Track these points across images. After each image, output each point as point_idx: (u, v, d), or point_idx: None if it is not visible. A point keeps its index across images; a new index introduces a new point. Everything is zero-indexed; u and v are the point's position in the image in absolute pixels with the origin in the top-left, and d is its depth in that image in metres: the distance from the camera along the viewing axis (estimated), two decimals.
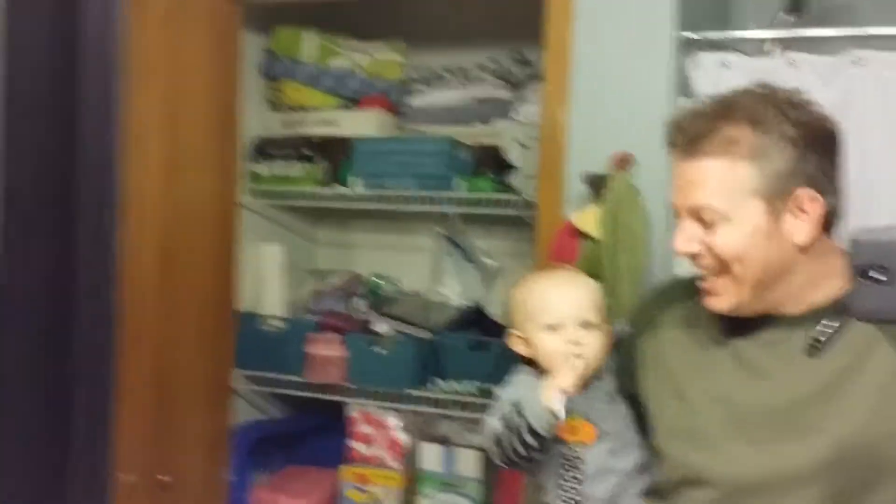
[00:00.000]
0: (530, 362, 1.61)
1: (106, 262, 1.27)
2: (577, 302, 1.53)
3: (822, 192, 1.34)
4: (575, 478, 1.48)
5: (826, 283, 1.38)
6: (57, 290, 1.30)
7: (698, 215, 1.37)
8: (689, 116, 1.41)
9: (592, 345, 1.52)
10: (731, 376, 1.42)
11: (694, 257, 1.41)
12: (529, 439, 1.44)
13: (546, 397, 1.43)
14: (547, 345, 1.52)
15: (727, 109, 1.36)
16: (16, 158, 1.31)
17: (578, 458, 1.48)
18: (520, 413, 1.45)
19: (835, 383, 1.34)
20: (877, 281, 1.00)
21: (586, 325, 1.52)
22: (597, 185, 2.20)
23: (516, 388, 1.56)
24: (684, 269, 1.61)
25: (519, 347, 1.60)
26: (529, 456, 1.47)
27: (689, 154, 1.38)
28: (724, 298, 1.40)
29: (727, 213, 1.34)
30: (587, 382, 1.53)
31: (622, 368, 1.60)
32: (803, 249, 1.35)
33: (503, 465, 1.53)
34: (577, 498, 1.48)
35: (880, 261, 1.00)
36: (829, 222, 1.38)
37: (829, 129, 1.38)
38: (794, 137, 1.32)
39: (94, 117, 1.13)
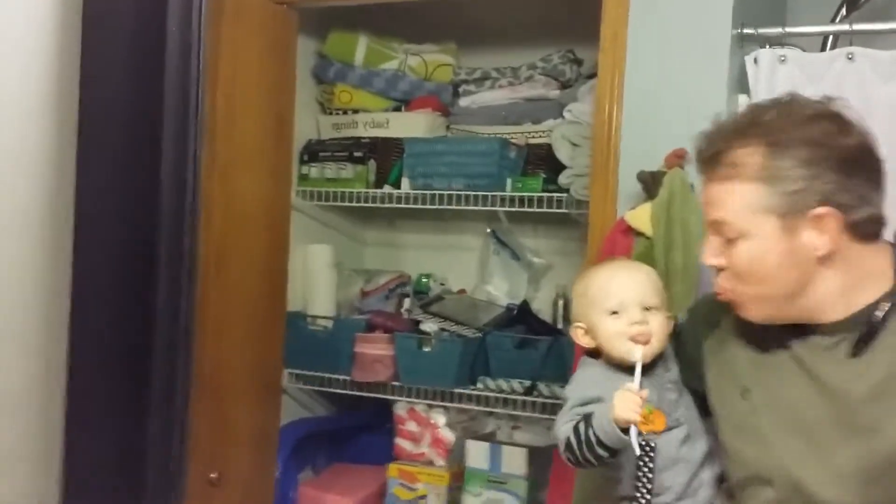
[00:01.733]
0: (593, 354, 1.60)
1: (182, 260, 1.30)
2: (638, 286, 1.55)
3: (842, 206, 1.33)
4: (649, 467, 1.47)
5: (866, 287, 1.37)
6: (137, 286, 1.33)
7: (719, 230, 1.39)
8: (709, 136, 1.43)
9: (656, 325, 1.53)
10: (791, 379, 1.42)
11: (719, 270, 1.43)
12: (601, 452, 1.45)
13: (618, 413, 1.41)
14: (610, 328, 1.53)
15: (745, 129, 1.38)
16: (96, 161, 1.34)
17: (652, 447, 1.47)
18: (589, 424, 1.45)
19: (884, 382, 1.33)
20: None
21: (649, 307, 1.54)
22: (650, 182, 2.18)
23: (584, 387, 1.55)
24: None
25: (583, 339, 1.60)
26: (602, 461, 1.47)
27: (707, 174, 1.42)
28: (751, 310, 1.42)
29: (743, 230, 1.35)
30: (653, 369, 1.54)
31: (683, 361, 1.60)
32: (825, 262, 1.35)
33: (575, 466, 1.52)
34: (652, 486, 1.47)
35: None
36: (865, 231, 1.36)
37: (854, 145, 1.35)
38: (809, 159, 1.32)
39: (174, 118, 1.16)
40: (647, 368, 1.53)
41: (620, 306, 1.53)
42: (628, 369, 1.52)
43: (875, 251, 1.38)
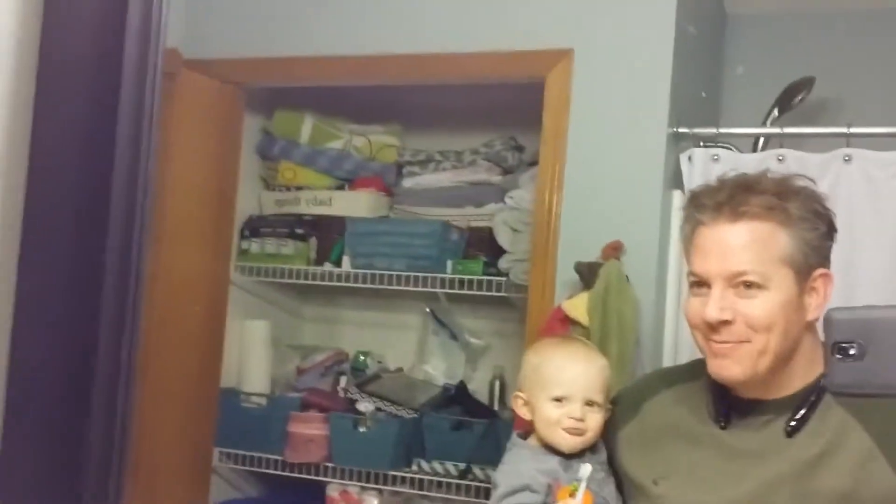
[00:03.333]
0: (526, 432, 1.61)
1: (123, 333, 1.27)
2: (588, 381, 1.56)
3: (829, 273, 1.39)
4: None
5: (811, 366, 1.41)
6: (75, 358, 1.30)
7: (735, 282, 1.36)
8: (716, 187, 1.42)
9: (593, 423, 1.54)
10: (710, 464, 1.43)
11: (719, 326, 1.39)
12: None
13: None
14: (550, 414, 1.54)
15: (754, 184, 1.40)
16: (40, 235, 1.32)
17: None
18: None
19: (811, 465, 1.35)
20: (849, 356, 1.02)
21: (591, 403, 1.54)
22: (587, 273, 2.23)
23: (515, 474, 1.55)
24: (682, 354, 1.63)
25: (521, 410, 1.60)
26: None
27: (728, 217, 1.37)
28: (739, 367, 1.39)
29: (765, 280, 1.35)
30: (583, 452, 1.55)
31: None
32: (809, 327, 1.39)
33: None
34: None
35: (852, 337, 1.02)
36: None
37: (834, 219, 1.42)
38: (818, 214, 1.38)
39: (122, 190, 1.15)
40: (579, 452, 1.55)
41: (565, 396, 1.54)
42: (559, 452, 1.53)
43: (817, 333, 1.42)
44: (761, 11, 2.78)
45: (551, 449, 1.55)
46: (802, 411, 1.38)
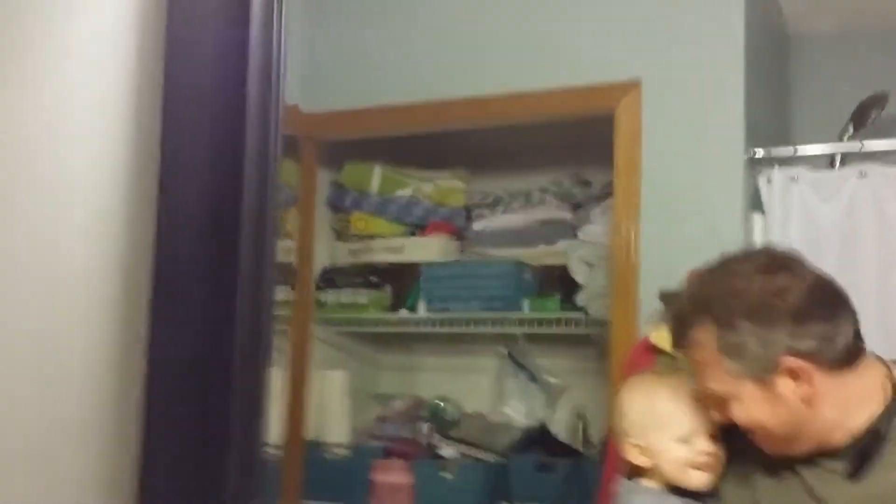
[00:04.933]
0: (617, 469, 1.57)
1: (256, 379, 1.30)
2: (701, 412, 1.48)
3: (806, 354, 1.33)
4: None
5: (863, 408, 1.37)
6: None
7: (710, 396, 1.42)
8: (669, 314, 1.50)
9: (721, 452, 1.47)
10: (800, 501, 1.40)
11: None
12: None
13: None
14: (677, 456, 1.47)
15: (695, 308, 1.41)
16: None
17: None
18: None
19: (885, 501, 1.32)
20: None
21: (713, 434, 1.47)
22: (672, 301, 2.20)
23: None
24: None
25: (638, 459, 1.51)
26: None
27: (680, 347, 1.45)
28: (766, 448, 1.43)
29: (728, 395, 1.38)
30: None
31: None
32: (812, 403, 1.35)
33: None
34: None
35: None
36: (840, 361, 1.36)
37: (797, 298, 1.36)
38: (757, 325, 1.34)
39: (251, 257, 1.18)
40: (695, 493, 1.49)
41: (690, 433, 1.47)
42: (683, 492, 1.47)
43: (861, 372, 1.38)
44: (823, 30, 2.77)
45: (675, 489, 1.48)
46: (861, 452, 1.34)
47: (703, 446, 1.46)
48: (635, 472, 1.56)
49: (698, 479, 1.45)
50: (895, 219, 2.11)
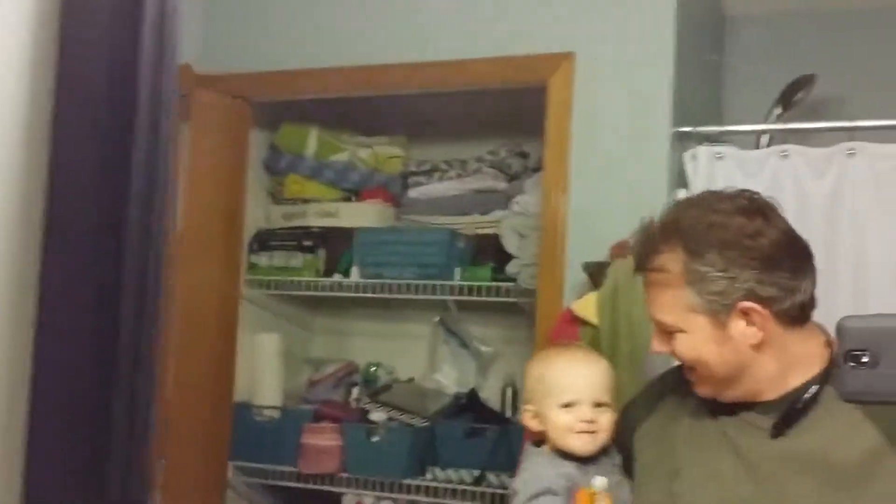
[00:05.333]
0: (539, 441, 1.61)
1: (141, 349, 1.28)
2: (593, 382, 1.57)
3: (765, 300, 1.37)
4: None
5: (799, 369, 1.41)
6: (96, 382, 1.30)
7: (659, 326, 1.45)
8: (638, 239, 1.50)
9: (604, 423, 1.56)
10: (721, 454, 1.45)
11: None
12: None
13: None
14: (561, 421, 1.55)
15: (667, 233, 1.43)
16: (61, 248, 1.33)
17: None
18: None
19: (813, 461, 1.36)
20: (862, 364, 1.02)
21: (600, 404, 1.56)
22: (596, 272, 2.23)
23: (533, 479, 1.55)
24: None
25: (531, 423, 1.61)
26: None
27: (640, 276, 1.48)
28: (700, 388, 1.47)
29: (678, 327, 1.41)
30: (599, 456, 1.56)
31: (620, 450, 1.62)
32: (759, 348, 1.40)
33: None
34: None
35: (865, 345, 1.03)
36: (793, 317, 1.41)
37: (770, 243, 1.39)
38: (725, 261, 1.37)
39: (140, 213, 1.17)
40: (592, 455, 1.55)
41: (573, 401, 1.55)
42: (574, 457, 1.54)
43: (805, 335, 1.43)
44: (759, 11, 2.80)
45: (566, 455, 1.56)
46: (789, 413, 1.38)
47: (585, 414, 1.53)
48: (539, 438, 1.62)
49: (578, 444, 1.53)
50: (814, 199, 2.16)
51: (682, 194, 2.29)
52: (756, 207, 1.41)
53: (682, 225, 1.41)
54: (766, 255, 1.37)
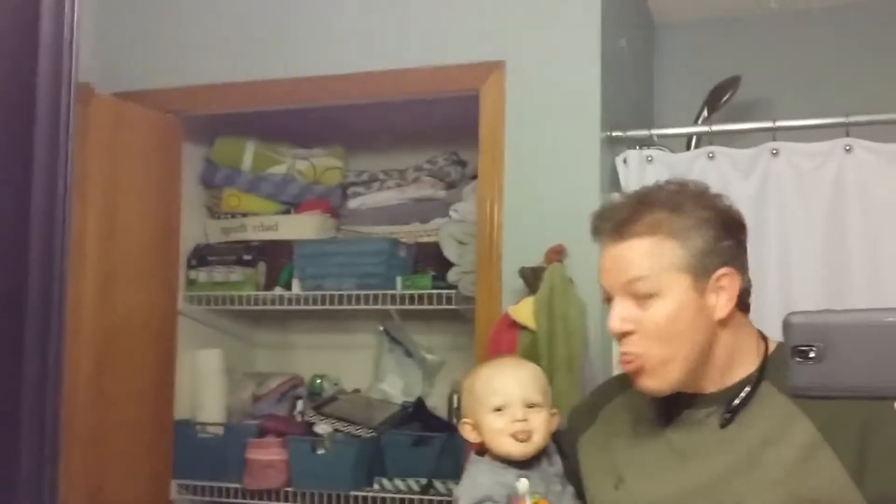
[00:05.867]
0: (481, 450, 1.62)
1: (45, 380, 1.24)
2: (521, 383, 1.58)
3: (737, 270, 1.42)
4: None
5: (742, 360, 1.44)
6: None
7: (631, 291, 1.41)
8: (614, 206, 1.50)
9: (538, 422, 1.56)
10: (663, 463, 1.46)
11: (626, 336, 1.43)
12: None
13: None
14: (494, 425, 1.56)
15: (648, 199, 1.45)
16: None
17: None
18: None
19: (752, 455, 1.38)
20: (808, 359, 1.05)
21: (531, 405, 1.57)
22: (531, 277, 2.26)
23: (474, 487, 1.56)
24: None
25: (470, 435, 1.62)
26: None
27: (619, 237, 1.43)
28: (654, 378, 1.43)
29: (658, 287, 1.39)
30: (538, 463, 1.57)
31: (564, 462, 1.63)
32: (723, 324, 1.42)
33: None
34: None
35: (811, 341, 1.05)
36: (745, 300, 1.45)
37: (738, 216, 1.47)
38: (710, 220, 1.41)
39: (40, 229, 1.13)
40: (532, 462, 1.56)
41: (504, 404, 1.56)
42: (515, 465, 1.55)
43: (747, 326, 1.46)
44: (686, 18, 2.86)
45: (507, 462, 1.56)
46: (735, 403, 1.40)
47: (516, 414, 1.55)
48: (482, 449, 1.63)
49: (514, 448, 1.54)
50: (738, 199, 2.17)
51: (613, 197, 2.33)
52: (719, 193, 1.47)
53: (662, 195, 1.44)
54: (734, 222, 1.43)
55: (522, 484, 1.51)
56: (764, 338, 1.46)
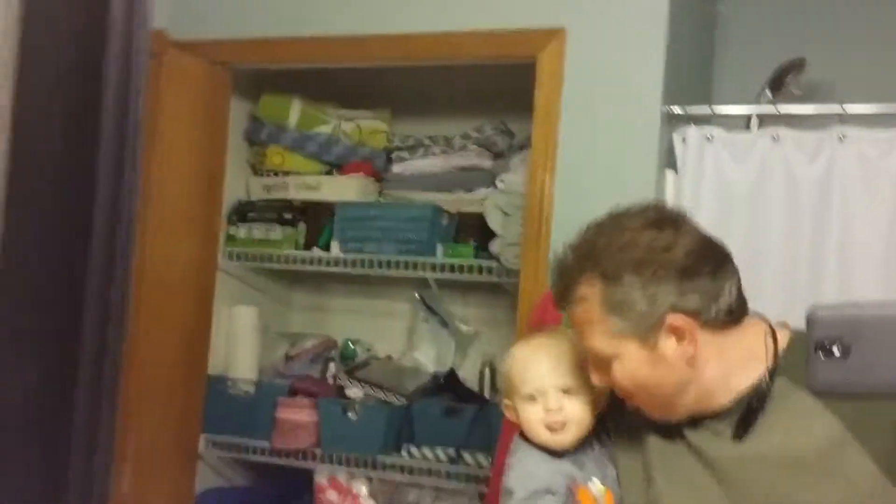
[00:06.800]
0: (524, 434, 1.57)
1: (109, 321, 1.23)
2: (555, 368, 1.47)
3: (691, 311, 1.34)
4: None
5: (744, 369, 1.37)
6: (62, 343, 1.24)
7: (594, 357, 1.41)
8: (555, 271, 1.45)
9: (573, 410, 1.46)
10: (691, 468, 1.41)
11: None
12: None
13: None
14: (529, 415, 1.47)
15: (582, 262, 1.39)
16: (25, 215, 1.27)
17: None
18: None
19: (771, 460, 1.33)
20: (832, 356, 0.99)
21: (567, 390, 1.46)
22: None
23: (529, 478, 1.46)
24: None
25: (511, 415, 1.53)
26: None
27: (562, 308, 1.43)
28: (649, 413, 1.43)
29: (609, 354, 1.37)
30: (590, 447, 1.49)
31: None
32: (694, 362, 1.36)
33: None
34: None
35: (835, 335, 0.99)
36: (724, 321, 1.36)
37: (684, 252, 1.35)
38: (643, 281, 1.33)
39: (109, 177, 1.11)
40: (582, 447, 1.48)
41: (537, 391, 1.47)
42: (564, 453, 1.47)
43: (742, 334, 1.39)
44: None
45: (557, 452, 1.47)
46: (746, 415, 1.35)
47: (549, 403, 1.45)
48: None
49: (549, 439, 1.45)
50: (802, 183, 2.14)
51: (670, 176, 2.27)
52: (665, 218, 1.39)
53: (595, 251, 1.37)
54: (681, 266, 1.33)
55: (595, 486, 1.43)
56: (773, 334, 1.38)
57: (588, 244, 1.40)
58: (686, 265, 1.34)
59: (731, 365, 1.37)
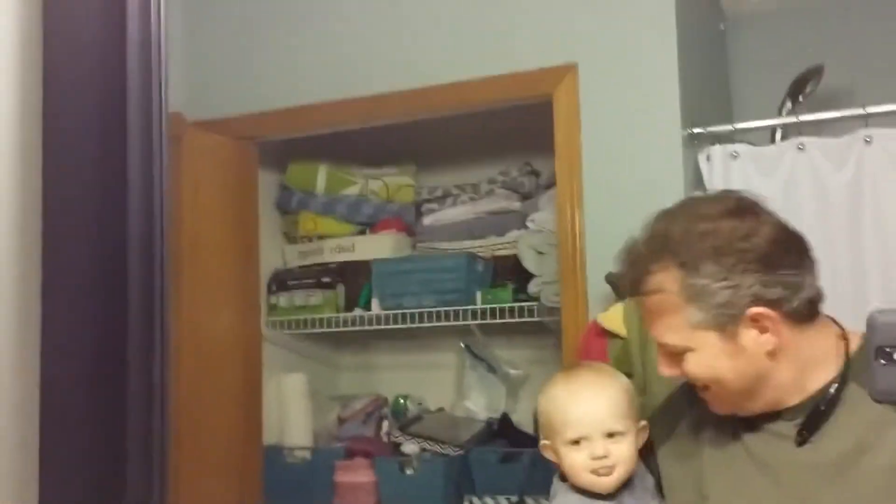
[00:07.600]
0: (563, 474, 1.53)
1: (152, 402, 1.24)
2: (600, 411, 1.41)
3: (773, 302, 1.29)
4: None
5: (817, 369, 1.34)
6: (105, 432, 1.26)
7: (664, 347, 1.36)
8: (625, 261, 1.41)
9: (620, 455, 1.41)
10: (748, 475, 1.37)
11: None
12: None
13: None
14: (573, 460, 1.40)
15: (657, 251, 1.34)
16: (60, 308, 1.31)
17: None
18: None
19: (844, 466, 1.28)
20: (893, 361, 0.95)
21: (612, 434, 1.41)
22: (619, 283, 2.19)
23: None
24: None
25: (550, 455, 1.47)
26: None
27: (635, 298, 1.39)
28: (718, 407, 1.39)
29: (685, 345, 1.33)
30: (631, 486, 1.44)
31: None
32: (774, 355, 1.32)
33: None
34: None
35: None
36: (804, 314, 1.33)
37: (765, 240, 1.30)
38: (724, 270, 1.29)
39: (138, 261, 1.13)
40: (624, 485, 1.44)
41: (581, 437, 1.40)
42: (607, 495, 1.43)
43: (818, 332, 1.35)
44: (760, 9, 2.78)
45: (596, 494, 1.43)
46: (813, 416, 1.31)
47: (596, 450, 1.39)
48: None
49: (595, 483, 1.41)
50: (833, 190, 2.12)
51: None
52: (745, 206, 1.34)
53: (671, 240, 1.32)
54: (764, 255, 1.29)
55: None
56: (845, 336, 1.35)
57: (662, 233, 1.35)
58: (768, 254, 1.29)
59: (805, 363, 1.33)
